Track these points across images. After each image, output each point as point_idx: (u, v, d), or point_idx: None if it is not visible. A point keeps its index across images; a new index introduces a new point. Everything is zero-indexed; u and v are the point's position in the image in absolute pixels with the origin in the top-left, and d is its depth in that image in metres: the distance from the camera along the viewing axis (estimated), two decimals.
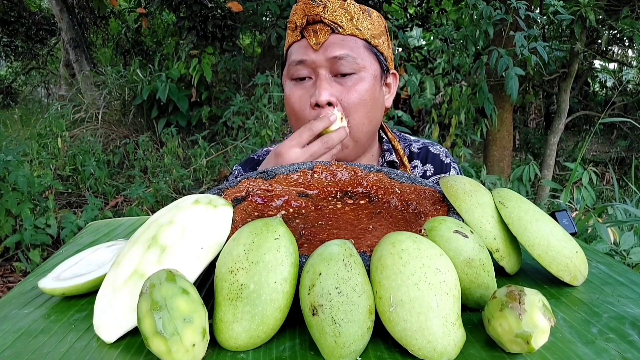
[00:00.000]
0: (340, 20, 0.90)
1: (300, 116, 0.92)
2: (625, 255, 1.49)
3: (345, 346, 0.43)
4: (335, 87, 0.90)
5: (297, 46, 0.93)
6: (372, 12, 0.95)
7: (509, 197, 0.60)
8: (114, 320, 0.50)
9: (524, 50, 2.94)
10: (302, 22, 0.91)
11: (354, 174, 0.75)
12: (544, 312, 0.44)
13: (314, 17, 0.89)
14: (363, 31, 0.92)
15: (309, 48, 0.90)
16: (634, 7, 3.89)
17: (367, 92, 0.91)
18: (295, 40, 0.93)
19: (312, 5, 0.89)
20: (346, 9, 0.91)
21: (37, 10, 8.33)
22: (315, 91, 0.89)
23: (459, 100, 3.45)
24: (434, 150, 1.08)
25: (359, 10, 0.92)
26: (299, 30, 0.92)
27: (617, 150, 6.14)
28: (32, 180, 3.00)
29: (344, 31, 0.90)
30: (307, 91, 0.92)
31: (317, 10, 0.89)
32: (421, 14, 5.35)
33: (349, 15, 0.91)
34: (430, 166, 1.07)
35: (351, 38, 0.91)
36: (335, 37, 0.90)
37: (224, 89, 5.23)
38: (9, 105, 8.13)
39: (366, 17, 0.93)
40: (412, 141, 1.10)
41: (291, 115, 0.95)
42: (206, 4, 4.84)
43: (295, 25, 0.92)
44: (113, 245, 0.67)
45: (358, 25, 0.91)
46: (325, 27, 0.90)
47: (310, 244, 0.58)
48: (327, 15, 0.89)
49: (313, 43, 0.89)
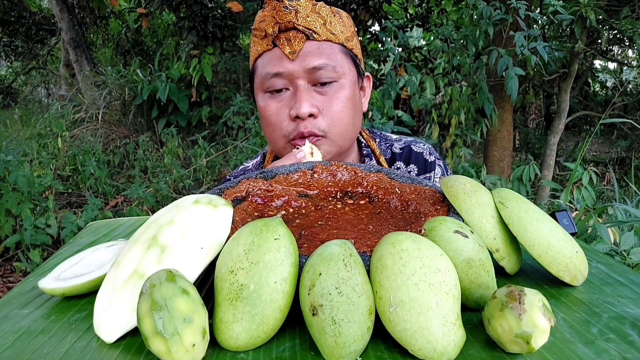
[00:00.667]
0: (314, 26, 0.85)
1: (277, 128, 0.88)
2: (625, 256, 1.49)
3: (345, 346, 0.43)
4: (315, 97, 0.86)
5: (269, 56, 0.87)
6: (342, 14, 0.91)
7: (509, 197, 0.60)
8: (114, 320, 0.50)
9: (524, 50, 2.94)
10: (273, 30, 0.85)
11: (354, 174, 0.75)
12: (544, 312, 0.44)
13: (287, 24, 0.84)
14: (337, 35, 0.88)
15: (284, 58, 0.85)
16: (634, 7, 3.89)
17: (348, 99, 0.88)
18: (266, 49, 0.87)
19: (283, 11, 0.84)
20: (318, 13, 0.86)
21: (37, 10, 8.33)
22: (295, 103, 0.85)
23: (459, 100, 3.45)
24: (416, 149, 1.03)
25: (331, 12, 0.88)
26: (270, 39, 0.86)
27: (617, 151, 6.14)
28: (32, 180, 3.00)
29: (319, 37, 0.85)
30: (285, 103, 0.87)
31: (289, 17, 0.84)
32: (421, 14, 5.35)
33: (322, 20, 0.86)
34: (414, 166, 1.02)
35: (327, 44, 0.86)
36: (310, 44, 0.85)
37: (224, 89, 5.23)
38: (9, 105, 8.13)
39: (338, 19, 0.89)
40: (394, 141, 1.06)
41: (267, 128, 0.91)
42: (206, 4, 4.84)
43: (265, 33, 0.86)
44: (113, 245, 0.67)
45: (332, 29, 0.87)
46: (299, 33, 0.85)
47: (310, 244, 0.58)
48: (300, 21, 0.84)
49: (288, 52, 0.84)
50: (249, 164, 1.09)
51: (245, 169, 1.08)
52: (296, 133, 0.86)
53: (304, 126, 0.86)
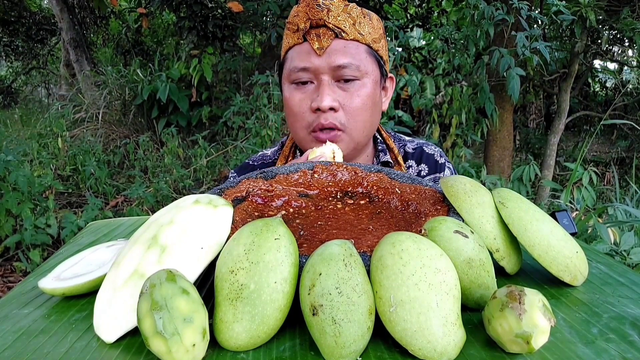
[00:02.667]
0: (344, 25, 0.89)
1: (299, 118, 0.93)
2: (625, 256, 1.49)
3: (346, 346, 0.43)
4: (337, 92, 0.91)
5: (298, 49, 0.92)
6: (372, 16, 0.95)
7: (509, 197, 0.60)
8: (114, 320, 0.50)
9: (525, 51, 2.94)
10: (305, 25, 0.90)
11: (354, 174, 0.75)
12: (544, 312, 0.44)
13: (318, 21, 0.89)
14: (365, 36, 0.92)
15: (312, 53, 0.90)
16: (634, 7, 3.89)
17: (369, 97, 0.92)
18: (297, 43, 0.92)
19: (316, 9, 0.89)
20: (349, 13, 0.90)
21: (37, 10, 8.33)
22: (318, 96, 0.90)
23: (459, 100, 3.45)
24: (428, 151, 1.09)
25: (361, 14, 0.92)
26: (301, 33, 0.91)
27: (617, 151, 6.13)
28: (32, 180, 3.00)
29: (347, 36, 0.90)
30: (309, 95, 0.92)
31: (321, 15, 0.89)
32: (421, 15, 5.35)
33: (352, 20, 0.90)
34: (424, 166, 1.07)
35: (354, 43, 0.91)
36: (338, 42, 0.90)
37: (224, 89, 5.23)
38: (9, 105, 8.14)
39: (367, 21, 0.93)
40: (407, 141, 1.11)
41: (290, 117, 0.96)
42: (206, 4, 4.84)
43: (297, 27, 0.92)
44: (113, 245, 0.67)
45: (360, 29, 0.91)
46: (329, 31, 0.89)
47: (310, 244, 0.58)
48: (331, 19, 0.89)
49: (316, 48, 0.89)
50: (267, 152, 1.13)
51: (264, 155, 1.12)
52: (316, 124, 0.91)
53: (325, 118, 0.90)
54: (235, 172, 1.09)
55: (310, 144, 0.93)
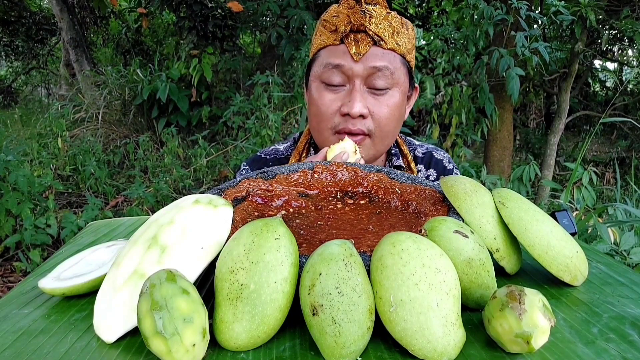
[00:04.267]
0: (384, 34, 0.88)
1: (325, 119, 0.92)
2: (625, 256, 1.49)
3: (346, 346, 0.43)
4: (368, 99, 0.90)
5: (333, 49, 0.90)
6: (409, 26, 0.94)
7: (509, 197, 0.60)
8: (114, 320, 0.50)
9: (524, 51, 2.94)
10: (345, 28, 0.88)
11: (354, 174, 0.75)
12: (544, 312, 0.44)
13: (359, 27, 0.88)
14: (401, 46, 0.91)
15: (348, 55, 0.89)
16: (634, 7, 3.89)
17: (397, 107, 0.92)
18: (333, 44, 0.90)
19: (359, 14, 0.87)
20: (390, 22, 0.89)
21: (37, 10, 8.33)
22: (349, 102, 0.89)
23: (459, 100, 3.45)
24: (437, 156, 1.09)
25: (401, 24, 0.91)
26: (339, 35, 0.89)
27: (617, 150, 6.13)
28: (32, 180, 3.00)
29: (385, 45, 0.89)
30: (340, 98, 0.91)
31: (363, 20, 0.87)
32: (421, 15, 5.36)
33: (391, 29, 0.89)
34: (433, 171, 1.08)
35: (390, 53, 0.90)
36: (375, 49, 0.89)
37: (224, 89, 5.23)
38: (9, 105, 8.13)
39: (405, 31, 0.92)
40: (417, 146, 1.12)
41: (316, 116, 0.94)
42: (206, 4, 4.84)
43: (336, 28, 0.90)
44: (113, 245, 0.67)
45: (398, 40, 0.90)
46: (368, 37, 0.88)
47: (310, 244, 0.58)
48: (372, 26, 0.88)
49: (354, 52, 0.88)
50: (280, 147, 1.12)
51: (276, 150, 1.12)
52: (343, 127, 0.91)
53: (353, 124, 0.90)
54: (247, 165, 1.08)
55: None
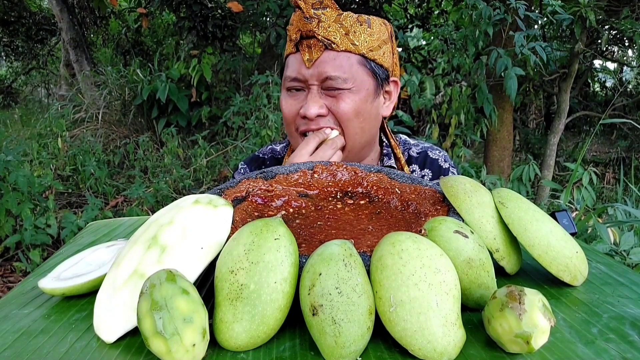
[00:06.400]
0: (334, 37, 0.89)
1: (289, 122, 0.96)
2: (625, 256, 1.49)
3: (346, 346, 0.43)
4: (326, 98, 0.92)
5: (292, 59, 0.94)
6: (372, 22, 0.92)
7: (509, 197, 0.60)
8: (114, 320, 0.50)
9: (523, 50, 2.94)
10: (296, 36, 0.91)
11: (354, 174, 0.75)
12: (544, 312, 0.44)
13: (307, 33, 0.89)
14: (359, 46, 0.90)
15: (302, 64, 0.91)
16: (634, 7, 3.89)
17: (358, 104, 0.92)
18: (292, 52, 0.94)
19: (304, 21, 0.89)
20: (341, 23, 0.89)
21: (37, 10, 8.33)
22: (305, 104, 0.92)
23: (459, 100, 3.45)
24: (432, 155, 1.08)
25: (357, 22, 0.90)
26: (293, 43, 0.93)
27: (617, 151, 6.13)
28: (32, 180, 2.99)
29: (337, 47, 0.89)
30: (299, 102, 0.94)
31: (310, 26, 0.88)
32: (421, 15, 5.36)
33: (344, 30, 0.89)
34: (428, 171, 1.07)
35: (344, 55, 0.90)
36: (328, 53, 0.89)
37: (224, 89, 5.23)
38: (9, 105, 8.13)
39: (364, 29, 0.91)
40: (412, 145, 1.10)
41: (284, 121, 0.99)
42: (206, 4, 4.84)
43: (291, 37, 0.93)
44: (113, 245, 0.67)
45: (354, 39, 0.90)
46: (319, 42, 0.89)
47: (310, 244, 0.58)
48: (321, 31, 0.88)
49: (306, 59, 0.90)
50: (277, 147, 1.15)
51: (274, 149, 1.14)
52: (305, 128, 0.94)
53: (316, 124, 0.92)
54: (245, 164, 1.11)
55: None
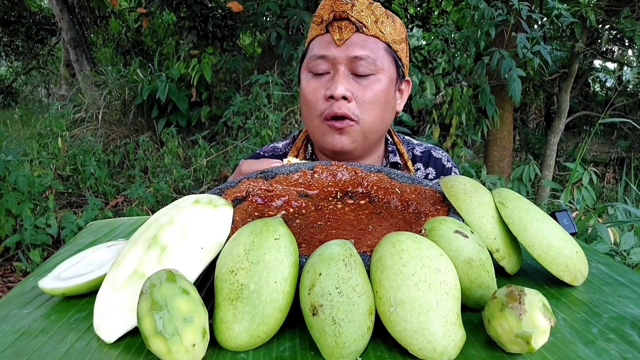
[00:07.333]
0: (366, 21, 0.92)
1: (312, 106, 0.95)
2: (625, 256, 1.49)
3: (346, 346, 0.43)
4: (352, 84, 0.93)
5: (319, 40, 0.95)
6: (395, 19, 0.97)
7: (509, 197, 0.60)
8: (114, 320, 0.50)
9: (526, 52, 2.94)
10: (328, 17, 0.93)
11: (354, 174, 0.75)
12: (544, 313, 0.44)
13: (341, 14, 0.92)
14: (385, 34, 0.94)
15: (332, 43, 0.92)
16: (634, 7, 3.89)
17: (382, 93, 0.94)
18: (319, 34, 0.95)
19: (341, 2, 0.92)
20: (372, 11, 0.93)
21: (37, 10, 8.33)
22: (332, 85, 0.91)
23: (459, 100, 3.45)
24: (436, 155, 1.10)
25: (385, 14, 0.95)
26: (324, 24, 0.94)
27: (617, 151, 6.13)
28: (32, 180, 2.99)
29: (367, 31, 0.92)
30: (323, 84, 0.94)
31: (345, 8, 0.91)
32: (421, 15, 5.36)
33: (374, 17, 0.93)
34: (432, 169, 1.09)
35: (373, 39, 0.93)
36: (358, 36, 0.92)
37: (224, 89, 5.23)
38: (9, 105, 8.13)
39: (390, 22, 0.95)
40: (415, 145, 1.13)
41: (304, 106, 0.98)
42: (206, 4, 4.84)
43: (322, 19, 0.94)
44: (113, 245, 0.67)
45: (382, 28, 0.93)
46: (351, 24, 0.92)
47: (310, 244, 0.58)
48: (354, 13, 0.91)
49: (337, 38, 0.92)
50: (279, 144, 1.14)
51: (275, 147, 1.14)
52: (329, 112, 0.92)
53: (338, 107, 0.91)
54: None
55: (325, 133, 0.94)
